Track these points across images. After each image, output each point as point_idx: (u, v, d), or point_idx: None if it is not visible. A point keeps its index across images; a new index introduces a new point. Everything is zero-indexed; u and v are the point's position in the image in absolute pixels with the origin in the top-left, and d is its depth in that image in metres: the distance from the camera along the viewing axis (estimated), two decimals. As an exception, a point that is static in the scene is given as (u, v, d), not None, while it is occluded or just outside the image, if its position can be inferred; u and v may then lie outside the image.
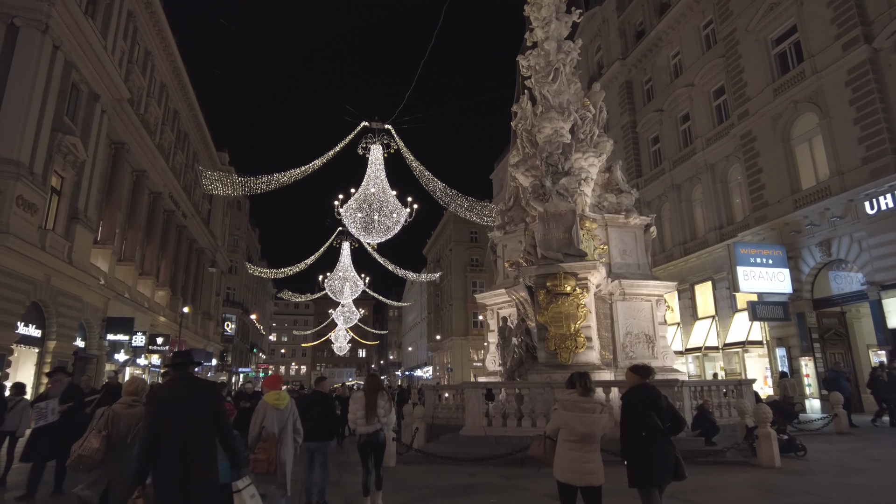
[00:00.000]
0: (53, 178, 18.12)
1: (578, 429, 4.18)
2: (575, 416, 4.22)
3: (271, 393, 5.90)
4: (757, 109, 19.99)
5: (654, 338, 13.69)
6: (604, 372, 11.33)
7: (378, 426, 6.62)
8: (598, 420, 4.25)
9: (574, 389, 4.41)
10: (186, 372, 4.38)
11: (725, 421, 11.54)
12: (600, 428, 4.27)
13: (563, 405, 4.38)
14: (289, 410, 5.87)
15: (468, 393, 10.47)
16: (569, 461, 4.15)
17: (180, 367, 4.38)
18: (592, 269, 11.61)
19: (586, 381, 4.40)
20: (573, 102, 14.56)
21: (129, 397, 5.16)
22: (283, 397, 5.91)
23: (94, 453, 4.77)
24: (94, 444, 4.80)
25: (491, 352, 14.92)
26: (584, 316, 11.42)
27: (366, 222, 23.21)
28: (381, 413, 6.63)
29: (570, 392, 4.45)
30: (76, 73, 18.76)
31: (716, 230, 22.71)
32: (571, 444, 4.20)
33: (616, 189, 14.80)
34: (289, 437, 5.77)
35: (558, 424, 4.32)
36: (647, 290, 13.88)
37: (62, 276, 18.00)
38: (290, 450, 5.79)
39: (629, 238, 14.41)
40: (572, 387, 4.45)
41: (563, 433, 4.26)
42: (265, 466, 5.38)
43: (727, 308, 21.89)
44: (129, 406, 5.06)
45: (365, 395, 6.72)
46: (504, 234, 15.28)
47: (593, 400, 4.39)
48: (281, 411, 5.77)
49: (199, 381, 4.39)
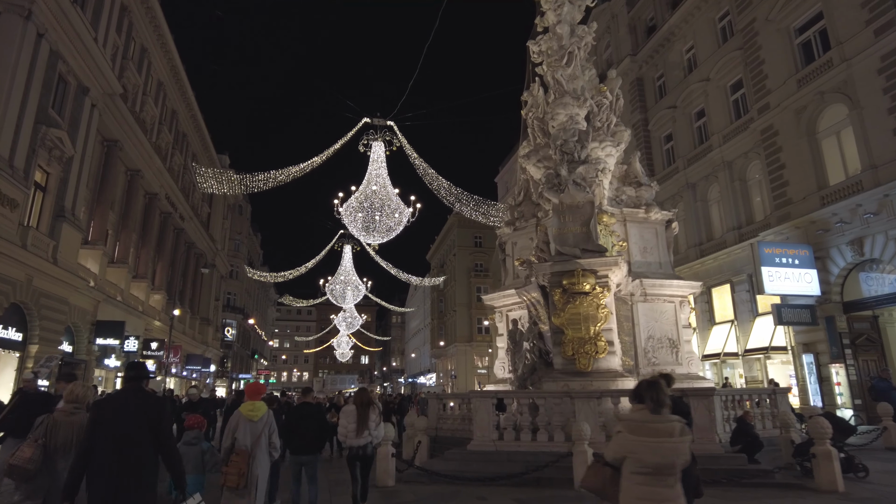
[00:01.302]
0: (37, 174, 17.19)
1: (650, 458, 3.06)
2: (645, 442, 3.10)
3: (246, 403, 5.59)
4: (779, 102, 18.93)
5: (678, 342, 12.58)
6: (627, 380, 10.23)
7: (368, 439, 6.67)
8: (677, 447, 3.09)
9: (642, 405, 3.25)
10: (137, 385, 4.27)
11: (760, 434, 10.44)
12: (681, 456, 3.11)
13: (628, 426, 3.23)
14: (264, 423, 5.53)
15: (476, 403, 9.38)
16: (637, 499, 3.01)
17: (132, 379, 4.31)
18: (613, 266, 10.54)
19: (659, 394, 3.20)
20: (588, 90, 13.55)
21: (70, 405, 4.85)
22: (259, 409, 5.55)
23: (26, 463, 4.53)
24: (27, 454, 4.57)
25: (500, 357, 13.83)
26: (605, 317, 10.34)
27: (367, 222, 22.21)
28: (371, 426, 6.68)
29: (637, 408, 3.29)
30: (63, 64, 17.87)
31: (734, 230, 21.61)
32: (642, 477, 3.06)
33: (635, 182, 13.76)
34: (263, 451, 5.47)
35: (623, 452, 3.18)
36: (671, 291, 12.80)
37: (46, 276, 17.03)
38: (264, 464, 5.51)
39: (650, 234, 13.34)
40: (639, 401, 3.28)
41: (629, 463, 3.16)
42: (236, 480, 5.13)
43: (747, 312, 20.75)
44: (70, 414, 4.79)
45: (356, 409, 6.72)
46: (514, 230, 14.23)
47: (669, 418, 3.17)
48: (255, 423, 5.45)
49: (144, 395, 4.21)
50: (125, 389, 4.27)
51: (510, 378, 12.55)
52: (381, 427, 7.09)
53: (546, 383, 10.18)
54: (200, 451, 5.47)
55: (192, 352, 36.94)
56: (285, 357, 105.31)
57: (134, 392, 4.15)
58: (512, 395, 9.63)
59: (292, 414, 7.07)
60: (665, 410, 3.14)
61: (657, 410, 3.15)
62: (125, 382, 4.37)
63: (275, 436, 5.56)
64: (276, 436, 5.58)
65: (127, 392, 4.19)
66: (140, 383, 4.30)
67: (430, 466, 9.03)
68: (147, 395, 4.26)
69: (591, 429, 8.26)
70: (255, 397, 5.71)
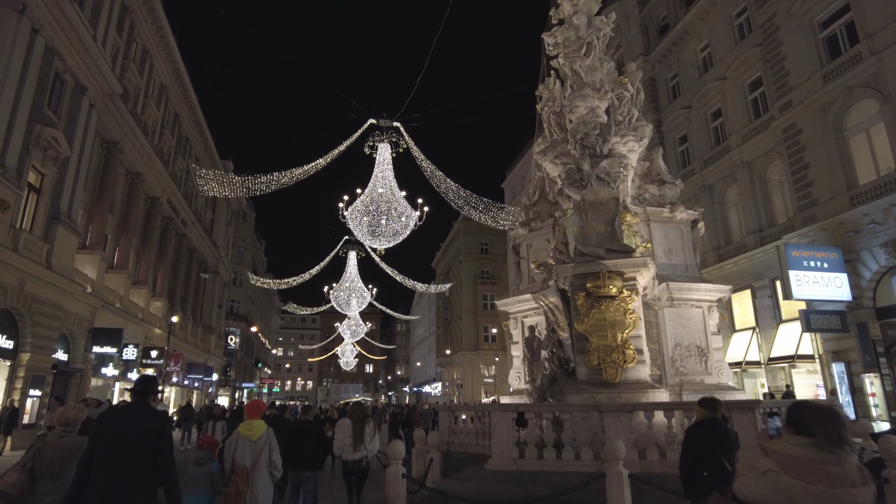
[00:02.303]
0: (31, 174, 16.58)
1: None
2: (814, 491, 2.08)
3: (245, 423, 5.48)
4: (802, 99, 18.13)
5: (707, 350, 11.74)
6: (658, 391, 9.38)
7: (364, 453, 6.77)
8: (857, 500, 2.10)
9: (808, 438, 2.20)
10: (143, 400, 4.24)
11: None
12: None
13: (786, 465, 2.17)
14: (263, 442, 5.35)
15: (496, 417, 8.54)
16: None
17: (138, 394, 4.27)
18: (641, 268, 9.73)
19: (838, 428, 2.18)
20: (607, 83, 12.80)
21: (60, 428, 4.76)
22: (257, 428, 5.40)
23: (10, 487, 4.45)
24: (11, 478, 4.50)
25: (515, 367, 12.99)
26: (633, 323, 9.51)
27: (372, 226, 21.46)
28: (366, 440, 6.77)
29: (796, 441, 2.23)
30: (59, 62, 17.30)
31: (755, 234, 20.74)
32: None
33: (658, 180, 12.98)
34: (264, 472, 5.31)
35: (777, 499, 2.15)
36: (699, 295, 11.98)
37: (39, 281, 16.34)
38: (266, 485, 5.33)
39: (674, 235, 12.53)
40: (803, 431, 2.23)
41: None
42: (234, 501, 5.03)
43: (769, 318, 19.83)
44: (60, 437, 4.69)
45: (352, 423, 6.79)
46: (528, 231, 13.44)
47: (847, 460, 2.15)
48: (254, 443, 5.30)
49: (147, 412, 4.15)
50: (129, 404, 4.29)
51: (527, 389, 11.71)
52: (375, 441, 7.12)
53: (569, 395, 9.33)
54: (209, 471, 5.24)
55: (193, 360, 36.18)
56: (289, 366, 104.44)
57: (137, 407, 4.14)
58: (534, 409, 8.78)
59: (291, 430, 6.94)
60: (846, 449, 2.16)
61: (834, 448, 2.15)
62: (132, 396, 4.37)
63: (276, 454, 5.39)
64: (277, 454, 5.39)
65: (130, 407, 4.21)
66: (146, 398, 4.26)
67: (444, 488, 8.20)
68: (149, 411, 4.18)
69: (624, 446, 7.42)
70: (255, 415, 5.55)
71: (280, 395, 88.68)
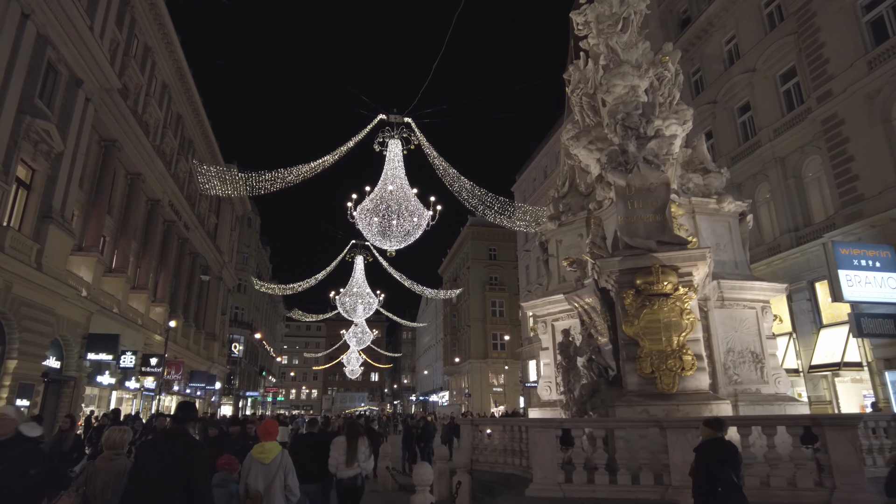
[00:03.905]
0: (21, 169, 15.52)
1: None
2: None
3: (257, 445, 5.34)
4: (844, 88, 16.92)
5: (763, 356, 10.46)
6: (722, 404, 8.12)
7: (358, 470, 6.78)
8: None
9: None
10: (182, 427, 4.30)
11: (880, 472, 8.25)
12: None
13: None
14: (277, 465, 5.15)
15: (536, 435, 7.28)
16: None
17: (178, 420, 4.37)
18: (699, 261, 8.51)
19: None
20: (644, 63, 11.64)
21: (109, 451, 4.80)
22: (270, 450, 5.19)
23: None
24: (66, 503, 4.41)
25: (544, 376, 11.73)
26: (691, 325, 8.29)
27: (382, 226, 20.31)
28: (360, 458, 6.78)
29: None
30: (52, 51, 16.30)
31: (790, 233, 19.46)
32: None
33: (701, 168, 11.78)
34: (278, 496, 5.12)
35: None
36: (752, 295, 10.73)
37: (28, 283, 15.24)
38: None
39: (722, 229, 11.32)
40: None
41: None
42: None
43: (808, 323, 18.50)
44: (109, 460, 4.73)
45: (346, 440, 6.82)
46: (558, 226, 12.23)
47: None
48: (267, 466, 5.13)
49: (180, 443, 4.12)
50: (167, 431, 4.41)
51: (560, 400, 10.46)
52: (370, 460, 7.19)
53: (619, 408, 8.08)
54: (229, 493, 5.09)
55: (196, 368, 35.03)
56: (294, 374, 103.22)
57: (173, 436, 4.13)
58: (582, 425, 7.53)
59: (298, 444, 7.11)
60: None
61: None
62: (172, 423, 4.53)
63: (291, 477, 5.19)
64: (292, 477, 5.20)
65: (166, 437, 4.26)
66: (185, 425, 4.27)
67: (479, 518, 6.97)
68: (183, 441, 4.12)
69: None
70: (268, 438, 5.34)
71: (284, 403, 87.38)
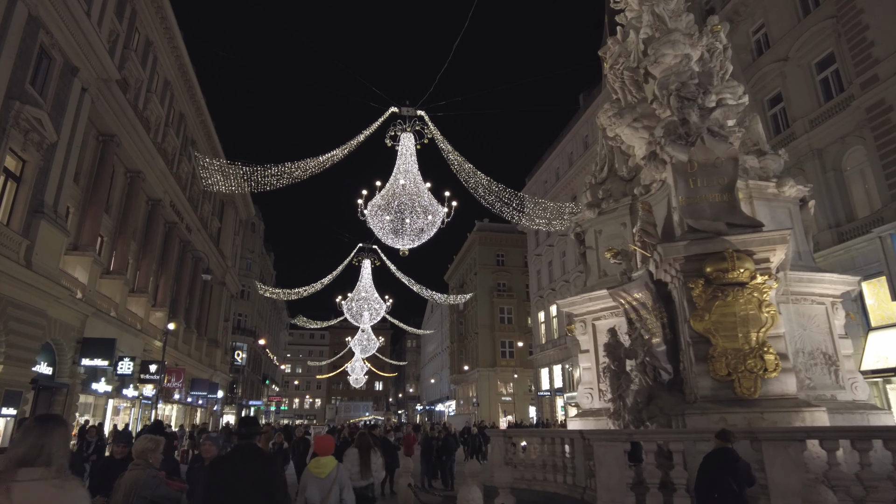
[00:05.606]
0: (10, 159, 14.45)
1: None
2: None
3: (314, 460, 5.39)
4: (893, 72, 15.79)
5: (836, 358, 9.23)
6: (817, 412, 6.89)
7: (371, 480, 6.90)
8: None
9: None
10: (250, 443, 4.25)
11: None
12: None
13: None
14: (332, 479, 5.14)
15: (602, 451, 6.06)
16: None
17: (244, 436, 4.35)
18: (779, 245, 7.32)
19: None
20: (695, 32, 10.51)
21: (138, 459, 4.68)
22: (325, 465, 5.20)
23: None
24: None
25: (585, 382, 10.49)
26: (772, 319, 7.10)
27: (394, 223, 19.15)
28: (373, 469, 6.94)
29: None
30: (45, 35, 15.28)
31: (830, 229, 18.23)
32: None
33: (755, 150, 10.63)
34: None
35: None
36: (821, 288, 9.50)
37: (15, 281, 14.09)
38: None
39: (783, 215, 10.10)
40: None
41: None
42: None
43: (855, 326, 17.15)
44: (130, 470, 4.61)
45: (358, 452, 6.94)
46: (598, 214, 11.05)
47: None
48: (322, 480, 5.12)
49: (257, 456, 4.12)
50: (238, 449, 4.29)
51: (607, 409, 9.24)
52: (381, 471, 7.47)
53: (691, 417, 6.86)
54: None
55: (198, 376, 33.83)
56: (297, 382, 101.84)
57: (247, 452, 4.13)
58: (655, 437, 6.30)
59: None
60: None
61: None
62: (238, 439, 4.49)
63: (346, 492, 5.18)
64: (347, 492, 5.18)
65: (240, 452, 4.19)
66: (252, 441, 4.28)
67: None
68: (259, 455, 4.15)
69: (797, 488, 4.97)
70: (324, 453, 5.37)
71: (288, 413, 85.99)
